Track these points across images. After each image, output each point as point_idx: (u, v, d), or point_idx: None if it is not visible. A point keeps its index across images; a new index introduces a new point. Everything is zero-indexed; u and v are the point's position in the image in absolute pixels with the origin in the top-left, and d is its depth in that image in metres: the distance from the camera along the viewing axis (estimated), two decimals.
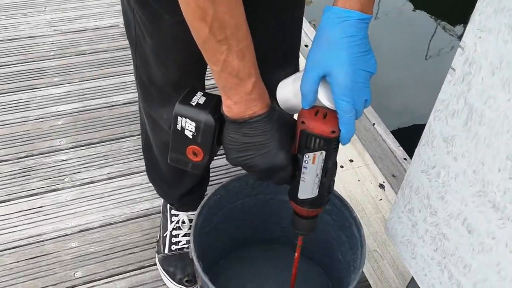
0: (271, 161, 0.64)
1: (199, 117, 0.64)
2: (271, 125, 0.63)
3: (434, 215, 0.77)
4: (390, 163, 1.52)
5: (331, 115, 0.62)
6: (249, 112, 0.63)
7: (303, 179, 0.68)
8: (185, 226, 1.22)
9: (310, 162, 0.66)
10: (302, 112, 0.64)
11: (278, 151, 0.64)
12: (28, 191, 1.37)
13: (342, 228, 0.95)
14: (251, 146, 0.64)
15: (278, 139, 0.64)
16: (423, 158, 0.77)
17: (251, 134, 0.63)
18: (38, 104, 1.61)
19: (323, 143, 0.63)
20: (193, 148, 0.66)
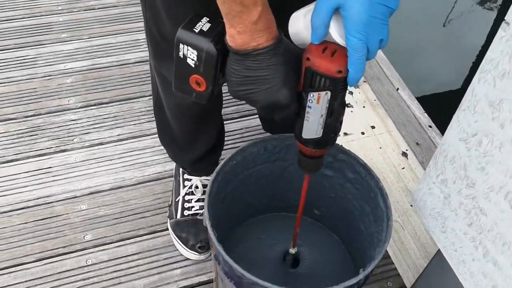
0: (273, 97, 0.60)
1: (201, 45, 0.59)
2: (276, 59, 0.58)
3: (471, 187, 0.71)
4: (414, 130, 1.44)
5: (340, 53, 0.57)
6: (253, 44, 0.57)
7: (307, 119, 0.64)
8: (198, 191, 1.17)
9: (314, 101, 0.61)
10: (310, 48, 0.59)
11: (281, 88, 0.60)
12: (36, 151, 1.32)
13: (366, 198, 0.89)
14: (253, 80, 0.59)
15: (283, 75, 0.59)
16: (462, 125, 0.70)
17: (254, 67, 0.58)
18: (46, 61, 1.54)
19: (328, 83, 0.59)
20: (196, 78, 0.62)
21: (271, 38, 0.57)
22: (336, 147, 0.90)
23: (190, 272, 1.12)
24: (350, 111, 1.49)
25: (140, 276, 1.11)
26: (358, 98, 1.53)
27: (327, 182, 0.97)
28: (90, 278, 1.10)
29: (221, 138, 1.16)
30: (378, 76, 1.60)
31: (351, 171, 0.90)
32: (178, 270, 1.12)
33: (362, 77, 1.59)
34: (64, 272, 1.10)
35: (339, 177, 0.94)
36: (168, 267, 1.12)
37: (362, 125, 1.45)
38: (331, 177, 0.95)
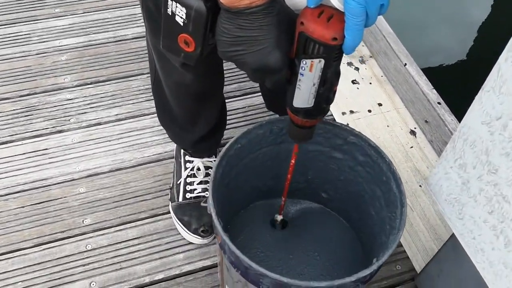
0: (263, 60, 0.56)
1: (190, 2, 0.55)
2: (269, 19, 0.54)
3: (494, 174, 0.66)
4: (422, 107, 1.39)
5: (337, 19, 0.54)
6: (246, 1, 0.53)
7: (299, 87, 0.61)
8: (201, 174, 1.13)
9: (307, 69, 0.58)
10: (304, 11, 0.55)
11: (273, 50, 0.56)
12: (31, 132, 1.27)
13: (378, 182, 0.85)
14: (244, 41, 0.55)
15: (275, 37, 0.56)
16: (485, 107, 0.65)
17: (246, 27, 0.54)
18: (39, 38, 1.48)
19: (322, 50, 0.56)
20: (184, 37, 0.59)
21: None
22: (346, 129, 0.85)
23: (193, 256, 1.09)
24: (356, 88, 1.44)
25: (141, 261, 1.08)
26: (364, 74, 1.47)
27: (336, 165, 0.92)
28: (90, 263, 1.07)
29: (223, 117, 1.11)
30: (385, 51, 1.54)
31: (361, 153, 0.86)
32: (180, 254, 1.09)
33: (369, 52, 1.53)
34: (63, 257, 1.07)
35: (349, 160, 0.89)
36: (170, 252, 1.09)
37: (368, 103, 1.40)
38: (340, 159, 0.90)
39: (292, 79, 0.61)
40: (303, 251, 0.97)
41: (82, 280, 1.04)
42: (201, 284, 1.05)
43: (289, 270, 0.95)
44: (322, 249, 0.97)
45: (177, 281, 1.05)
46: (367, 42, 1.57)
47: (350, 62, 1.50)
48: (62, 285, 1.03)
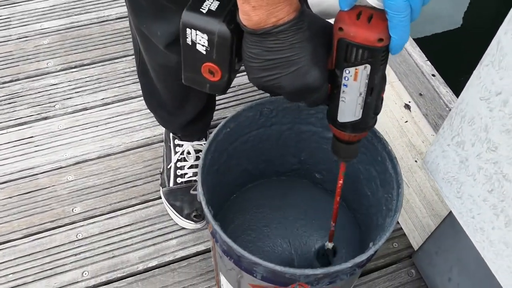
0: (302, 80, 0.51)
1: (211, 27, 0.50)
2: (300, 35, 0.49)
3: (493, 151, 0.64)
4: (416, 80, 1.36)
5: (378, 18, 0.48)
6: (272, 20, 0.47)
7: (343, 99, 0.55)
8: (191, 157, 1.10)
9: (351, 79, 0.52)
10: (340, 16, 0.49)
11: (311, 69, 0.51)
12: (16, 119, 1.24)
13: (372, 162, 0.82)
14: (276, 63, 0.50)
15: (310, 53, 0.50)
16: (484, 82, 0.62)
17: (276, 48, 0.49)
18: (20, 21, 1.43)
19: (367, 55, 0.50)
20: (209, 66, 0.53)
21: (292, 11, 0.47)
22: None
23: (187, 241, 1.07)
24: None
25: (134, 248, 1.06)
26: None
27: (329, 145, 0.89)
28: (81, 253, 1.04)
29: (212, 99, 1.07)
30: None
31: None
32: (174, 240, 1.07)
33: None
34: (54, 247, 1.05)
35: None
36: (163, 238, 1.07)
37: None
38: None
39: (333, 93, 0.55)
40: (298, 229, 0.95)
41: (74, 270, 1.02)
42: (195, 270, 1.03)
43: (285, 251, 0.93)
44: (319, 231, 0.95)
45: (171, 267, 1.03)
46: None
47: None
48: (54, 276, 1.01)
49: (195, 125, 1.05)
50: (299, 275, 0.64)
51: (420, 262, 1.03)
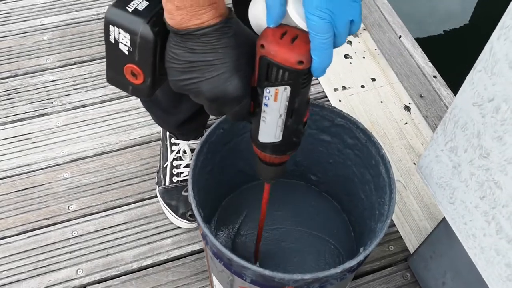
0: (221, 87, 0.49)
1: (134, 27, 0.48)
2: (225, 40, 0.47)
3: (485, 158, 0.63)
4: (417, 81, 1.35)
5: (301, 39, 0.47)
6: (195, 22, 0.46)
7: (264, 119, 0.53)
8: (187, 156, 1.09)
9: (271, 98, 0.51)
10: (265, 33, 0.48)
11: (232, 77, 0.48)
12: (14, 116, 1.24)
13: (367, 165, 0.81)
14: (197, 67, 0.48)
15: (233, 61, 0.48)
16: (477, 88, 0.61)
17: (198, 50, 0.47)
18: (20, 16, 1.43)
19: (287, 76, 0.48)
20: (131, 68, 0.50)
21: (217, 16, 0.46)
22: (333, 111, 0.81)
23: (182, 241, 1.07)
24: (349, 62, 1.39)
25: (129, 246, 1.05)
26: (357, 48, 1.43)
27: (325, 148, 0.89)
28: (76, 250, 1.04)
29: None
30: (379, 23, 1.49)
31: (350, 136, 0.82)
32: (168, 239, 1.07)
33: (362, 25, 1.48)
34: (49, 245, 1.05)
35: (337, 142, 0.86)
36: (158, 237, 1.07)
37: (361, 78, 1.36)
38: (329, 142, 0.87)
39: (255, 111, 0.53)
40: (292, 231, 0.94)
41: (69, 267, 1.02)
42: (189, 269, 1.03)
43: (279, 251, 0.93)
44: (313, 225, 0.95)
45: (165, 267, 1.03)
46: None
47: None
48: (48, 273, 1.01)
49: (191, 124, 1.05)
50: (288, 279, 0.64)
51: (415, 266, 1.03)
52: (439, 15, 2.28)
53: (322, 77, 1.34)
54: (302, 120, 0.54)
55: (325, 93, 1.32)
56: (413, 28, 1.56)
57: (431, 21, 2.23)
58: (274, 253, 0.93)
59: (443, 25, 2.24)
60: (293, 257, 0.92)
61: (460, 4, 2.35)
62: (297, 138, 0.56)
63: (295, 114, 0.52)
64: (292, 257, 0.92)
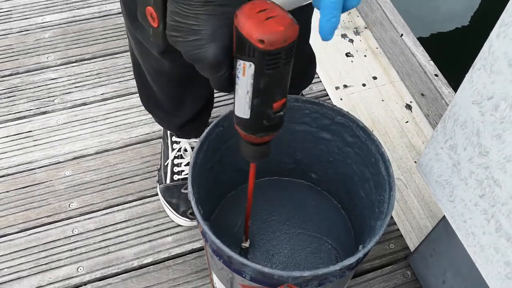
0: (198, 53, 0.50)
1: None
2: (208, 8, 0.48)
3: (485, 156, 0.63)
4: (419, 80, 1.35)
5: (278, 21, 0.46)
6: None
7: (237, 91, 0.53)
8: (188, 155, 1.10)
9: (241, 72, 0.50)
10: (245, 5, 0.48)
11: (207, 44, 0.49)
12: (15, 113, 1.24)
13: (367, 164, 0.81)
14: (181, 27, 0.49)
15: (212, 30, 0.48)
16: (476, 86, 0.61)
17: (184, 13, 0.48)
18: (21, 14, 1.43)
19: (250, 52, 0.47)
20: (150, 10, 0.52)
21: None
22: (333, 109, 0.81)
23: (182, 239, 1.07)
24: (351, 61, 1.39)
25: (129, 244, 1.06)
26: (359, 46, 1.42)
27: (325, 146, 0.89)
28: (77, 248, 1.05)
29: (210, 98, 1.07)
30: (380, 21, 1.49)
31: (350, 134, 0.82)
32: (169, 237, 1.07)
33: (364, 23, 1.47)
34: (50, 242, 1.05)
35: (337, 140, 0.86)
36: (159, 235, 1.07)
37: (363, 76, 1.36)
38: (329, 140, 0.87)
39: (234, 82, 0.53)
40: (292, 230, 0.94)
41: (70, 265, 1.03)
42: (190, 267, 1.03)
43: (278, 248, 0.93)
44: (314, 231, 0.95)
45: (166, 265, 1.03)
46: (362, 12, 1.51)
47: (344, 34, 1.45)
48: (49, 271, 1.02)
49: (193, 124, 1.05)
50: (287, 276, 0.64)
51: (416, 264, 1.03)
52: (441, 13, 2.27)
53: (323, 75, 1.34)
54: (270, 104, 0.53)
55: (327, 92, 1.32)
56: (415, 26, 1.56)
57: (433, 20, 2.23)
58: (274, 251, 0.93)
59: (445, 23, 2.24)
60: (293, 255, 0.93)
61: (463, 3, 2.35)
62: (268, 122, 0.55)
63: (261, 95, 0.52)
64: (291, 256, 0.93)
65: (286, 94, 0.54)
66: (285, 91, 0.53)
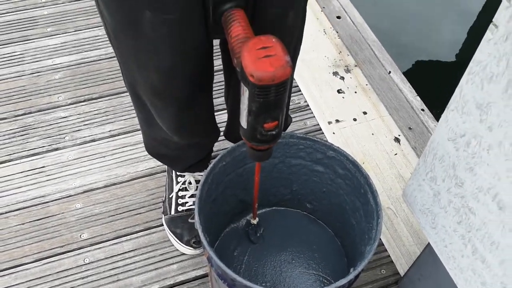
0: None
1: None
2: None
3: (460, 187, 0.71)
4: (406, 114, 1.44)
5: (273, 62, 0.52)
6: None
7: (242, 102, 0.60)
8: (192, 187, 1.17)
9: (242, 90, 0.58)
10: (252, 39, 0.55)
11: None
12: (28, 150, 1.32)
13: (357, 194, 0.90)
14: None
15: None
16: (450, 125, 0.70)
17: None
18: (33, 57, 1.53)
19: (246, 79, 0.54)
20: None
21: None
22: (325, 144, 0.90)
23: (187, 266, 1.13)
24: (342, 97, 1.48)
25: (137, 272, 1.12)
26: (349, 83, 1.52)
27: (319, 178, 0.97)
28: (88, 276, 1.11)
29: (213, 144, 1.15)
30: (369, 59, 1.59)
31: (341, 167, 0.90)
32: (174, 265, 1.13)
33: (354, 61, 1.57)
34: (63, 271, 1.12)
35: (330, 173, 0.94)
36: (164, 263, 1.14)
37: (354, 111, 1.45)
38: (322, 172, 0.95)
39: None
40: (288, 256, 1.01)
41: None
42: None
43: (277, 273, 0.99)
44: (309, 258, 1.02)
45: None
46: (352, 51, 1.62)
47: (335, 72, 1.55)
48: None
49: (197, 166, 1.14)
50: None
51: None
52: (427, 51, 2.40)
53: (316, 111, 1.43)
54: (261, 124, 0.60)
55: (320, 126, 1.40)
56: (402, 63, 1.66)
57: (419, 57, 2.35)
58: (270, 276, 1.00)
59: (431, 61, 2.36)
60: (289, 279, 0.99)
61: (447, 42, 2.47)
62: (261, 136, 0.62)
63: (253, 115, 0.59)
64: (287, 281, 0.99)
65: (278, 118, 0.61)
66: (277, 116, 0.60)
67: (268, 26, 0.75)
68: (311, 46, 1.63)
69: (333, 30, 1.68)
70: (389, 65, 1.58)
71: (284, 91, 0.57)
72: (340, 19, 1.73)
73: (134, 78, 0.87)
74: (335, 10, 1.76)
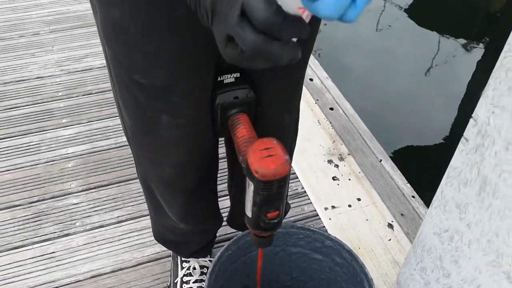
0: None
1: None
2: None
3: (447, 278, 0.78)
4: (398, 201, 1.53)
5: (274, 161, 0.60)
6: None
7: (247, 194, 0.66)
8: (196, 273, 1.23)
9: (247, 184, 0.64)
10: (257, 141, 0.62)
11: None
12: (40, 236, 1.38)
13: (354, 281, 0.96)
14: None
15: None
16: (435, 221, 0.78)
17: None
18: (48, 147, 1.63)
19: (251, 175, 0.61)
20: None
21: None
22: (323, 234, 0.97)
23: None
24: (337, 184, 1.58)
25: None
26: (343, 171, 1.62)
27: (317, 265, 1.03)
28: None
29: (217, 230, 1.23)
30: (361, 148, 1.70)
31: (338, 256, 0.97)
32: None
33: (347, 150, 1.69)
34: None
35: (328, 261, 1.01)
36: None
37: (348, 198, 1.54)
38: (321, 260, 1.02)
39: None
40: None
41: None
42: None
43: None
44: None
45: None
46: (345, 140, 1.73)
47: (330, 160, 1.66)
48: None
49: (202, 251, 1.21)
50: None
51: None
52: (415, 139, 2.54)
53: (313, 197, 1.52)
54: (264, 214, 0.66)
55: (317, 212, 1.48)
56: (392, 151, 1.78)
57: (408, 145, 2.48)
58: None
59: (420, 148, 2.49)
60: None
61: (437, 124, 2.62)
62: (264, 225, 0.68)
63: (258, 206, 0.65)
64: None
65: (280, 208, 0.68)
66: (279, 206, 0.67)
67: (268, 127, 0.86)
68: (307, 135, 1.74)
69: (326, 120, 1.81)
70: (380, 154, 1.69)
71: (284, 185, 0.65)
72: (333, 110, 1.86)
73: (147, 172, 0.96)
74: (328, 102, 1.90)
